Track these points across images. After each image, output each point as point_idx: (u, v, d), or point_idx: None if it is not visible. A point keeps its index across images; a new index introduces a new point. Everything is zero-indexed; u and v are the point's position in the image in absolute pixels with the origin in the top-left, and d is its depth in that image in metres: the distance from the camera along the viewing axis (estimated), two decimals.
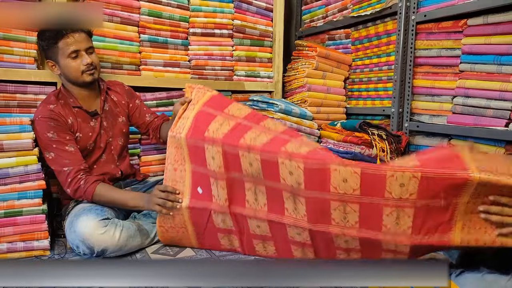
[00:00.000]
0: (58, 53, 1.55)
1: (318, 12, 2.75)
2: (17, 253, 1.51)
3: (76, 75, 1.58)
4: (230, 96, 2.41)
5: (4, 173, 1.50)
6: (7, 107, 1.79)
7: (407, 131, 2.13)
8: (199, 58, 2.28)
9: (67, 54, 1.54)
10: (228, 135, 1.38)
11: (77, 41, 1.55)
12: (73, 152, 1.55)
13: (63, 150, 1.54)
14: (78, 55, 1.56)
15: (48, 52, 1.58)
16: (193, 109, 1.52)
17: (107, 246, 1.44)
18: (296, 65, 2.48)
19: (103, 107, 1.73)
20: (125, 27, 2.05)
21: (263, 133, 1.37)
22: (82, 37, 1.57)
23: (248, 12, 2.42)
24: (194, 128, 1.45)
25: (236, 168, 1.38)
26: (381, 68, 2.31)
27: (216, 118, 1.45)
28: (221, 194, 1.44)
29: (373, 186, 1.16)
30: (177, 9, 2.20)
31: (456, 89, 1.88)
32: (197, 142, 1.43)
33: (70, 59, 1.55)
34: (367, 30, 2.38)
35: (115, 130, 1.76)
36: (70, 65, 1.56)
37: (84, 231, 1.42)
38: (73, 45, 1.54)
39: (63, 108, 1.60)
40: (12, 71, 1.77)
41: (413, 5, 2.06)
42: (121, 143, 1.79)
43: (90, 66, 1.57)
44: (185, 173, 1.49)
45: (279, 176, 1.30)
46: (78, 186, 1.52)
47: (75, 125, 1.62)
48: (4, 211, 1.49)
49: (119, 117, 1.78)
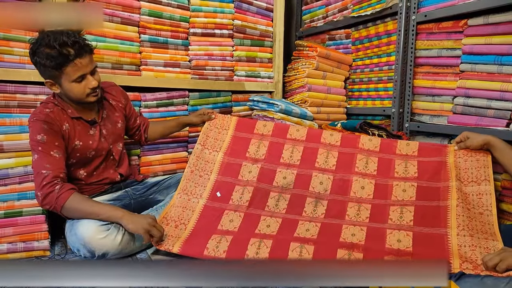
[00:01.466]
0: (61, 77, 1.47)
1: (318, 12, 2.75)
2: (17, 253, 1.51)
3: (80, 97, 1.53)
4: (230, 97, 2.41)
5: (4, 173, 1.50)
6: (7, 107, 1.78)
7: (408, 132, 2.12)
8: (200, 58, 2.28)
9: (73, 79, 1.47)
10: (267, 155, 1.80)
11: (83, 66, 1.47)
12: (57, 158, 1.47)
13: (47, 154, 1.45)
14: (84, 79, 1.50)
15: (47, 73, 1.47)
16: (226, 134, 1.89)
17: (108, 250, 1.44)
18: (296, 65, 2.48)
19: (102, 115, 1.70)
20: (125, 27, 2.05)
21: (295, 149, 1.80)
22: (87, 60, 1.49)
23: (248, 12, 2.42)
24: (231, 150, 1.83)
25: (268, 180, 1.71)
26: (382, 68, 2.31)
27: (252, 141, 1.86)
28: (244, 197, 1.66)
29: (383, 191, 1.61)
30: (178, 9, 2.20)
31: (457, 89, 1.88)
32: (235, 160, 1.80)
33: (76, 83, 1.48)
34: (367, 30, 2.38)
35: (115, 136, 1.74)
36: (75, 89, 1.50)
37: (84, 235, 1.41)
38: (80, 70, 1.47)
39: (60, 114, 1.55)
40: (12, 71, 1.77)
41: (414, 5, 2.06)
42: (120, 148, 1.78)
43: (95, 88, 1.53)
44: (208, 181, 1.74)
45: (309, 185, 1.67)
46: (51, 191, 1.41)
47: (72, 133, 1.57)
48: (4, 212, 1.49)
49: (118, 123, 1.76)
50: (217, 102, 2.37)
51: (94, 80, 1.51)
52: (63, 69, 1.44)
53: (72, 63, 1.43)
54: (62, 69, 1.43)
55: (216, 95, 2.36)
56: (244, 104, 2.46)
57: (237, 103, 2.44)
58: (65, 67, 1.43)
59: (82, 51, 1.46)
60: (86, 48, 1.48)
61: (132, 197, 1.78)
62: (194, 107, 2.28)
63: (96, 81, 1.52)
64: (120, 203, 1.70)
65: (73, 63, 1.44)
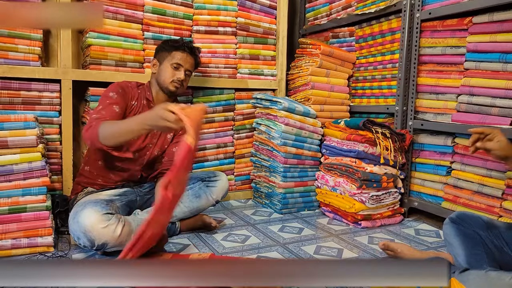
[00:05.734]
0: (166, 58, 1.78)
1: (322, 10, 2.74)
2: (21, 249, 1.51)
3: (165, 80, 1.77)
4: (234, 94, 2.41)
5: (9, 169, 1.51)
6: (11, 104, 1.80)
7: (411, 130, 2.12)
8: (203, 55, 2.28)
9: (172, 63, 1.77)
10: None
11: (184, 60, 1.79)
12: (115, 111, 1.61)
13: (110, 105, 1.61)
14: (178, 69, 1.78)
15: (159, 53, 1.81)
16: None
17: (107, 240, 1.44)
18: (299, 63, 2.47)
19: None
20: (129, 25, 2.05)
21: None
22: (190, 60, 1.82)
23: (251, 10, 2.42)
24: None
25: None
26: (385, 66, 2.30)
27: None
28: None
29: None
30: (181, 6, 2.20)
31: (461, 87, 1.87)
32: None
33: (171, 67, 1.77)
34: (371, 28, 2.37)
35: (160, 140, 1.83)
36: (167, 72, 1.77)
37: (86, 223, 1.43)
38: (180, 60, 1.78)
39: (136, 91, 1.77)
40: (17, 68, 1.78)
41: (418, 2, 2.04)
42: (156, 153, 1.83)
43: (179, 81, 1.78)
44: None
45: None
46: (91, 125, 1.49)
47: (135, 110, 1.74)
48: (8, 208, 1.49)
49: (169, 134, 1.87)
50: (220, 99, 2.37)
51: (183, 75, 1.78)
52: (172, 52, 1.78)
53: (180, 51, 1.78)
54: (171, 52, 1.78)
55: (219, 93, 2.36)
56: (247, 102, 2.46)
57: (240, 100, 2.44)
58: (175, 51, 1.78)
59: (192, 52, 1.82)
60: (195, 53, 1.85)
61: (138, 194, 1.79)
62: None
63: (183, 77, 1.78)
64: (126, 199, 1.71)
65: (181, 52, 1.78)
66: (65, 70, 1.90)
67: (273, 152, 2.25)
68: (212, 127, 2.36)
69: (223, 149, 2.41)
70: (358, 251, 1.68)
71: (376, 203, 2.00)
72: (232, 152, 2.45)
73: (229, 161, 2.44)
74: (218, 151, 2.39)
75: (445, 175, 1.99)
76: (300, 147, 2.24)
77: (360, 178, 1.97)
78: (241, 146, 2.47)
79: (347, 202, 2.02)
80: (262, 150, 2.35)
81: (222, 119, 2.39)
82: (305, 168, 2.28)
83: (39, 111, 1.85)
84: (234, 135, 2.45)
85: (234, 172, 2.47)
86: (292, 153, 2.21)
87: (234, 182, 2.46)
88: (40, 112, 1.85)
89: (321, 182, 2.23)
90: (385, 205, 2.05)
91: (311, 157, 2.29)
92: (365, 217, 2.00)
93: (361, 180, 1.97)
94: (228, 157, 2.44)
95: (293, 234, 1.86)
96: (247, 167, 2.49)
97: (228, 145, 2.43)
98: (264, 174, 2.33)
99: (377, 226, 2.01)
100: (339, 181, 2.08)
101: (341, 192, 2.07)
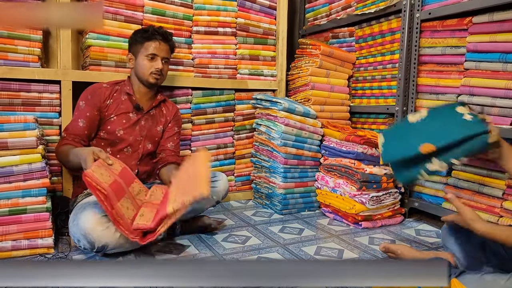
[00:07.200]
0: (140, 51, 1.76)
1: (321, 10, 2.74)
2: (21, 251, 1.51)
3: (144, 73, 1.76)
4: (234, 95, 2.41)
5: (8, 171, 1.50)
6: (11, 105, 1.80)
7: None
8: (203, 56, 2.28)
9: (146, 54, 1.75)
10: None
11: (159, 49, 1.76)
12: (78, 127, 1.70)
13: (75, 122, 1.71)
14: (154, 59, 1.76)
15: (132, 46, 1.79)
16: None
17: (107, 242, 1.44)
18: (299, 64, 2.47)
19: (150, 110, 1.85)
20: (128, 25, 2.05)
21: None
22: (165, 48, 1.79)
23: (251, 11, 2.42)
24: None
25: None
26: (385, 66, 2.30)
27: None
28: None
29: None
30: (181, 7, 2.20)
31: (461, 88, 1.87)
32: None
33: (147, 59, 1.75)
34: (371, 28, 2.37)
35: (150, 132, 1.85)
36: (143, 64, 1.76)
37: (86, 226, 1.43)
38: (155, 50, 1.75)
39: (112, 91, 1.77)
40: (16, 69, 1.78)
41: (418, 2, 2.04)
42: (149, 147, 1.85)
43: (158, 71, 1.76)
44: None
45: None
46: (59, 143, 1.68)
47: (112, 106, 1.76)
48: (8, 209, 1.49)
49: (158, 126, 1.88)
50: (220, 100, 2.37)
51: (160, 64, 1.76)
52: (144, 43, 1.75)
53: (152, 41, 1.75)
54: (144, 43, 1.75)
55: (219, 93, 2.36)
56: (247, 103, 2.46)
57: (240, 101, 2.44)
58: (146, 42, 1.74)
59: (165, 39, 1.78)
60: (169, 38, 1.81)
61: None
62: (197, 105, 2.29)
63: (161, 66, 1.76)
64: None
65: (154, 41, 1.75)
66: (64, 71, 1.89)
67: (273, 153, 2.25)
68: (212, 128, 2.36)
69: (223, 150, 2.41)
70: (358, 252, 1.67)
71: (377, 203, 2.00)
72: (232, 153, 2.45)
73: (229, 162, 2.44)
74: (218, 151, 2.39)
75: (446, 175, 1.98)
76: (300, 148, 2.24)
77: (360, 180, 1.97)
78: (241, 147, 2.47)
79: (348, 203, 2.01)
80: (262, 150, 2.35)
81: (222, 120, 2.39)
82: (306, 169, 2.28)
83: (39, 112, 1.85)
84: (234, 136, 2.45)
85: (234, 173, 2.47)
86: (292, 154, 2.21)
87: (234, 183, 2.46)
88: (40, 113, 1.85)
89: (321, 183, 2.23)
90: (385, 206, 2.05)
91: (312, 157, 2.29)
92: (366, 217, 1.99)
93: (360, 181, 1.97)
94: (228, 158, 2.44)
95: (294, 235, 1.86)
96: (247, 168, 2.49)
97: (228, 146, 2.43)
98: (264, 174, 2.32)
99: (377, 227, 2.01)
100: (339, 183, 2.08)
101: (341, 193, 2.07)
